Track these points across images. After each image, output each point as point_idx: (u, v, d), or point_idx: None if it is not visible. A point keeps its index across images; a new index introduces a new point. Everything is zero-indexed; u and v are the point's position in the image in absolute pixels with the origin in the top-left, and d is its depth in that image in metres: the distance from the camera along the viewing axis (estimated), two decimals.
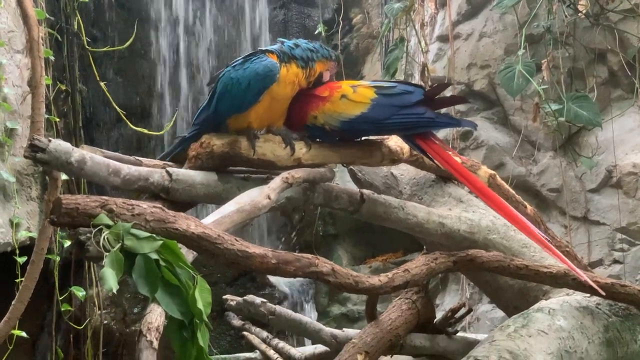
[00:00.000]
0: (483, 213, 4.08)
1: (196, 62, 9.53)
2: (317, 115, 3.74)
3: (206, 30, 9.60)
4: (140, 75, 9.46)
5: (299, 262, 2.96)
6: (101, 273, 2.51)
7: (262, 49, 3.74)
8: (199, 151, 3.52)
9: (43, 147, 3.11)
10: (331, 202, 3.74)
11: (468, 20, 7.22)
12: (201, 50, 9.56)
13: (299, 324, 4.64)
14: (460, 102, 5.71)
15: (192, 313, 2.64)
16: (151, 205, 2.73)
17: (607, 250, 6.48)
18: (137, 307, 7.97)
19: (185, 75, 9.50)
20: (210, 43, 9.57)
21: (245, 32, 9.62)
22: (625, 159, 6.46)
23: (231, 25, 9.64)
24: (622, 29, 6.48)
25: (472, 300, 6.56)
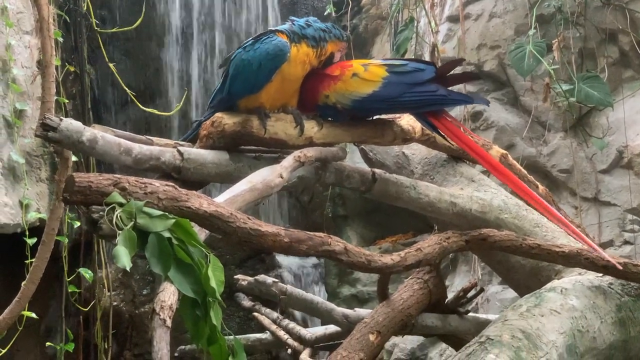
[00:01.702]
0: (495, 192, 4.08)
1: (205, 43, 9.51)
2: (329, 94, 3.74)
3: (215, 11, 9.58)
4: (149, 57, 9.44)
5: (312, 241, 2.96)
6: (114, 251, 2.52)
7: (272, 29, 3.74)
8: (210, 130, 3.52)
9: (54, 126, 3.11)
10: (343, 181, 3.74)
11: (478, 1, 7.19)
12: (210, 32, 9.54)
13: (311, 304, 4.65)
14: (472, 79, 5.69)
15: (204, 291, 2.65)
16: (163, 184, 2.74)
17: (617, 231, 6.47)
18: (146, 288, 8.00)
19: (195, 56, 9.48)
20: (219, 24, 9.55)
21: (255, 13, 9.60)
22: (637, 139, 6.44)
23: (240, 6, 9.62)
24: (633, 9, 6.46)
25: (482, 282, 6.55)
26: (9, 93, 6.87)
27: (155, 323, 2.59)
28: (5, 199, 6.72)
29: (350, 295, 7.95)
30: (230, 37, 9.48)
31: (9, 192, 6.79)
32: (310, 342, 5.46)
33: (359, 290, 8.02)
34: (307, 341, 5.48)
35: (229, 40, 9.46)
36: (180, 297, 2.64)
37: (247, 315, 6.31)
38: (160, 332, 2.56)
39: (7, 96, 6.86)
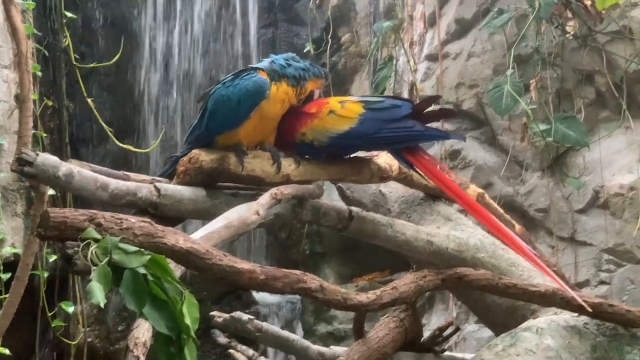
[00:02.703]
0: (471, 232, 4.09)
1: (184, 79, 9.54)
2: (306, 132, 3.74)
3: (195, 47, 9.61)
4: (128, 92, 9.46)
5: (288, 278, 2.95)
6: (89, 287, 2.50)
7: (253, 66, 3.76)
8: (187, 166, 3.52)
9: (30, 161, 3.10)
10: (320, 218, 3.74)
11: (457, 40, 7.25)
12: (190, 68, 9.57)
13: (287, 342, 4.63)
14: (449, 115, 5.70)
15: (179, 328, 2.63)
16: (140, 220, 2.73)
17: (593, 271, 6.48)
18: (121, 325, 7.95)
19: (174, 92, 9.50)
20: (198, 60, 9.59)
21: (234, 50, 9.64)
22: (613, 179, 6.47)
23: (220, 43, 9.66)
24: (609, 51, 6.51)
25: (458, 320, 6.56)
26: None
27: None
28: None
29: (327, 332, 7.94)
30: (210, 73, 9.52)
31: None
32: None
33: (336, 327, 8.01)
34: None
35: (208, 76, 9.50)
36: (155, 334, 2.63)
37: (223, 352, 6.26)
38: None
39: None
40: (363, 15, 8.91)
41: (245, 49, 9.63)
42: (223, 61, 9.60)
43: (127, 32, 9.35)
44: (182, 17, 9.66)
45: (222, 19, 9.71)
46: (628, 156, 6.43)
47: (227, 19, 9.71)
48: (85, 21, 9.35)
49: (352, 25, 9.05)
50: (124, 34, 9.12)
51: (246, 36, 9.68)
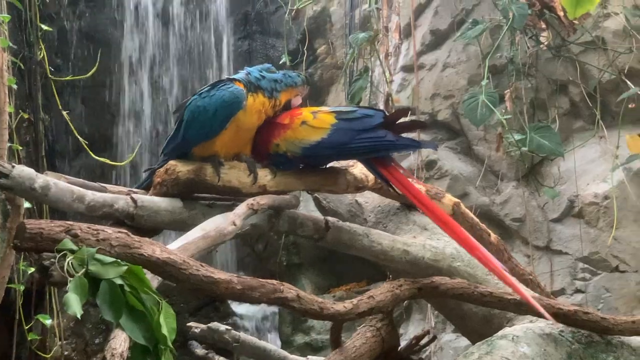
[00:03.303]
0: (447, 241, 4.10)
1: (160, 92, 9.54)
2: (279, 143, 3.75)
3: (170, 60, 9.61)
4: (104, 105, 9.45)
5: (264, 288, 2.96)
6: (65, 298, 2.50)
7: (230, 77, 3.76)
8: (164, 178, 3.52)
9: (6, 173, 3.10)
10: (296, 229, 3.75)
11: (432, 51, 7.28)
12: (165, 80, 9.57)
13: (264, 352, 4.63)
14: (421, 127, 5.71)
15: (156, 339, 2.64)
16: (116, 231, 2.73)
17: (569, 280, 6.51)
18: (98, 337, 7.92)
19: (150, 105, 9.50)
20: (174, 73, 9.59)
21: (210, 62, 9.65)
22: (587, 189, 6.51)
23: (195, 55, 9.66)
24: (583, 61, 6.56)
25: (435, 330, 6.56)
26: None
27: None
28: None
29: (304, 343, 7.93)
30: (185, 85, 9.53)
31: None
32: None
33: (313, 338, 8.00)
34: None
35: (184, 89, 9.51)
36: (132, 344, 2.63)
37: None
38: None
39: None
40: (339, 27, 8.93)
41: (220, 61, 9.64)
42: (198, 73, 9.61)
43: (103, 45, 9.33)
44: (158, 30, 9.66)
45: (197, 32, 9.72)
46: (602, 165, 6.48)
47: (202, 32, 9.72)
48: (61, 34, 9.34)
49: (328, 37, 9.07)
50: (100, 47, 9.10)
51: (221, 48, 9.68)
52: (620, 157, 6.29)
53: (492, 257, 3.72)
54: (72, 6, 9.51)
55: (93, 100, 9.44)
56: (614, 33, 6.48)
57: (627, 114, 6.34)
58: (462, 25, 6.91)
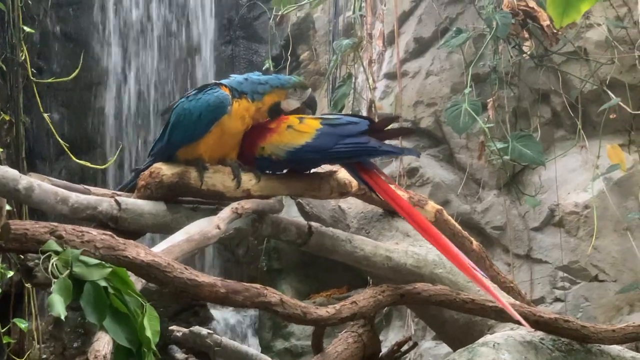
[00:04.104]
0: (429, 248, 4.10)
1: (143, 95, 9.53)
2: (265, 146, 3.76)
3: (153, 63, 9.61)
4: (86, 108, 9.44)
5: (248, 292, 2.96)
6: (49, 299, 2.50)
7: (217, 82, 3.76)
8: (148, 181, 3.52)
9: None
10: (279, 233, 3.75)
11: (415, 59, 7.31)
12: (148, 84, 9.56)
13: (245, 356, 4.62)
14: (407, 134, 5.74)
15: (139, 341, 2.63)
16: (101, 233, 2.73)
17: (549, 288, 6.55)
18: (77, 341, 7.90)
19: (132, 108, 9.49)
20: (157, 76, 9.58)
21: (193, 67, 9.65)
22: (568, 198, 6.55)
23: (178, 59, 9.67)
24: (565, 71, 6.60)
25: (416, 337, 6.57)
26: None
27: None
28: None
29: (284, 349, 7.93)
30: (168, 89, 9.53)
31: None
32: None
33: (293, 344, 8.00)
34: None
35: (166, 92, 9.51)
36: (115, 346, 2.63)
37: None
38: None
39: None
40: (322, 34, 8.95)
41: (205, 65, 9.64)
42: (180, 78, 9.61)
43: (86, 47, 9.33)
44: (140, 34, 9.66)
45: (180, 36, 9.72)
46: (583, 175, 6.52)
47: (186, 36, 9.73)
48: (43, 36, 9.34)
49: (311, 43, 9.09)
50: (82, 50, 9.10)
51: (204, 53, 9.69)
52: (600, 167, 6.34)
53: (470, 263, 3.75)
54: (55, 8, 9.50)
55: (75, 103, 9.43)
56: (596, 44, 6.52)
57: (608, 124, 6.39)
58: (446, 34, 6.94)
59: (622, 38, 6.43)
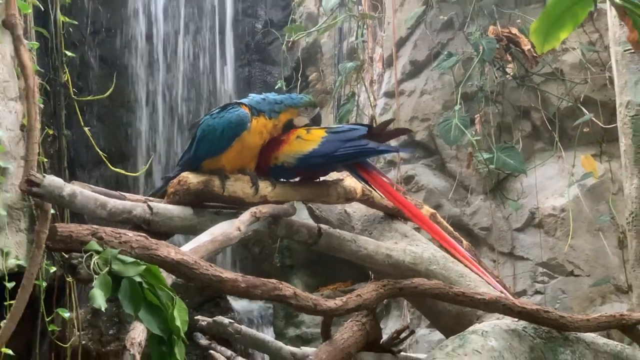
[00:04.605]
0: (425, 246, 4.11)
1: (171, 111, 9.55)
2: (278, 156, 3.78)
3: (180, 83, 9.62)
4: (120, 122, 9.46)
5: (265, 286, 2.97)
6: (91, 293, 2.51)
7: (238, 101, 3.77)
8: (177, 188, 3.53)
9: (38, 182, 3.10)
10: (292, 234, 3.75)
11: (411, 79, 7.30)
12: (175, 101, 9.58)
13: (262, 343, 4.61)
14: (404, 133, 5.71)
15: (170, 330, 2.64)
16: (136, 234, 2.74)
17: (530, 282, 6.53)
18: (112, 329, 7.90)
19: (161, 122, 9.50)
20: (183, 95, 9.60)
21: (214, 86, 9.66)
22: (546, 202, 6.54)
23: (202, 80, 9.68)
24: (544, 90, 6.60)
25: (411, 325, 6.55)
26: None
27: (126, 358, 2.57)
28: None
29: (296, 335, 7.92)
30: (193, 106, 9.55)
31: None
32: None
33: (304, 331, 7.99)
34: None
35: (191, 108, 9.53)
36: (149, 334, 2.64)
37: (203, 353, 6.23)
38: None
39: None
40: (328, 57, 8.95)
41: (224, 86, 9.65)
42: (203, 96, 9.62)
43: (119, 70, 9.36)
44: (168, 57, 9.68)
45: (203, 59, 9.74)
46: (560, 182, 6.51)
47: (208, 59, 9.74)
48: (82, 59, 9.35)
49: (319, 65, 9.09)
50: (117, 71, 9.12)
51: (224, 74, 9.70)
52: (575, 175, 6.33)
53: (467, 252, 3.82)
54: (93, 35, 9.53)
55: (110, 118, 9.44)
56: (571, 66, 6.52)
57: (582, 137, 6.38)
58: (438, 57, 6.94)
59: (594, 60, 6.43)
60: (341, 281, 7.99)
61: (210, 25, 9.81)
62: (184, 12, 9.79)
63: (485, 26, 6.59)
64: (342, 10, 7.65)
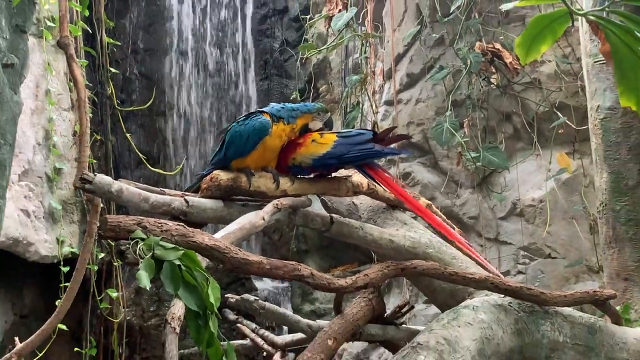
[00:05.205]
0: (422, 233, 4.10)
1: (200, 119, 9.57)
2: (295, 157, 3.76)
3: (209, 95, 9.64)
4: (157, 129, 9.48)
5: (287, 267, 2.96)
6: (138, 275, 2.52)
7: (260, 110, 3.77)
8: (209, 184, 3.52)
9: (90, 180, 3.10)
10: (308, 223, 3.74)
11: (407, 90, 7.30)
12: (205, 111, 9.59)
13: (282, 317, 4.61)
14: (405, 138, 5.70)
15: (205, 306, 2.65)
16: (175, 224, 2.74)
17: (513, 264, 6.52)
18: (153, 306, 7.94)
19: (192, 129, 9.53)
20: (212, 105, 9.62)
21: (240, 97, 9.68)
22: (526, 194, 6.53)
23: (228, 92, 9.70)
24: (523, 97, 6.58)
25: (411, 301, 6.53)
26: (50, 155, 6.85)
27: (167, 330, 2.58)
28: (46, 237, 6.68)
29: (310, 310, 7.94)
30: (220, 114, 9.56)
31: (49, 231, 6.74)
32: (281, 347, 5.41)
33: (317, 307, 8.01)
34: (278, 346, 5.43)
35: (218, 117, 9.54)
36: (187, 310, 2.64)
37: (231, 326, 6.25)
38: (171, 337, 2.56)
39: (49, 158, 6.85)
40: (336, 71, 8.95)
41: (247, 96, 9.67)
42: (229, 106, 9.64)
43: (157, 83, 9.40)
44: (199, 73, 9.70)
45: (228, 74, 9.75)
46: (538, 177, 6.49)
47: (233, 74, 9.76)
48: (125, 75, 9.38)
49: (328, 79, 9.09)
50: (154, 85, 9.17)
51: (247, 87, 9.72)
52: (552, 170, 6.32)
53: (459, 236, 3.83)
54: (134, 54, 9.56)
55: (148, 126, 9.47)
56: (548, 76, 6.50)
57: (557, 138, 6.36)
58: (431, 70, 6.93)
59: (568, 71, 6.41)
60: (349, 263, 7.99)
61: (234, 45, 9.82)
62: (211, 34, 9.80)
63: (472, 42, 6.58)
64: (348, 30, 7.64)
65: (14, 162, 6.47)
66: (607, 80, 4.32)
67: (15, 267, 6.68)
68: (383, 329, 4.12)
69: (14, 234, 6.32)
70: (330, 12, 7.60)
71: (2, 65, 2.25)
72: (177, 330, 2.59)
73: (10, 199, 6.22)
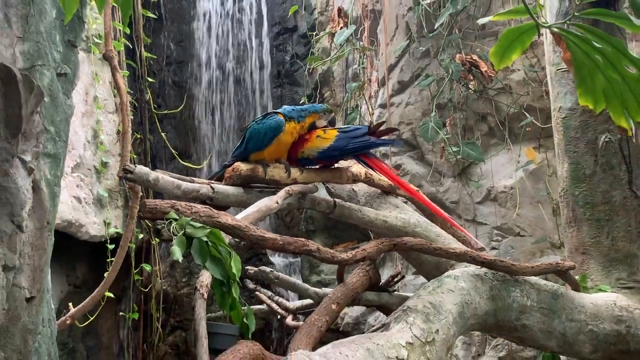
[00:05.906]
0: (411, 214, 4.08)
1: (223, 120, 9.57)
2: (304, 150, 3.76)
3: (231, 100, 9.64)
4: (187, 129, 9.48)
5: (297, 243, 2.96)
6: (172, 250, 2.53)
7: (275, 111, 3.77)
8: (231, 174, 3.52)
9: (131, 170, 3.11)
10: (315, 206, 3.74)
11: (399, 94, 7.27)
12: (227, 113, 9.60)
13: (294, 285, 4.62)
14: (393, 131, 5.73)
15: (228, 276, 2.65)
16: (203, 207, 2.74)
17: (487, 241, 6.50)
18: (185, 278, 7.94)
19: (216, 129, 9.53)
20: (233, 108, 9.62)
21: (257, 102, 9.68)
22: (499, 182, 6.51)
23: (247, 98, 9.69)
24: (497, 100, 6.55)
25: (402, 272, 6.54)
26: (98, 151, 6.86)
27: (197, 296, 2.58)
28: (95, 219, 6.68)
29: (317, 281, 7.94)
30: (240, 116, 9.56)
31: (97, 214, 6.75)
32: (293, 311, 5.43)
33: (323, 277, 8.01)
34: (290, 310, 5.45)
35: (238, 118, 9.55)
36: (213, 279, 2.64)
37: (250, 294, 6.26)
38: (200, 302, 2.56)
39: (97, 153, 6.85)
40: (338, 79, 8.91)
41: (263, 101, 9.66)
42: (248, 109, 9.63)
43: (187, 91, 9.40)
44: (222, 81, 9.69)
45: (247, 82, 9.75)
46: (509, 168, 6.47)
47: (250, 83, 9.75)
48: (160, 84, 9.37)
49: (331, 86, 9.06)
50: (185, 93, 9.17)
51: (263, 93, 9.71)
52: (521, 162, 6.30)
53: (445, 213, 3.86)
54: (168, 65, 9.54)
55: (180, 127, 9.46)
56: (517, 82, 6.47)
57: (525, 134, 6.34)
58: (418, 78, 6.91)
59: (534, 78, 6.37)
60: (349, 241, 7.99)
61: (252, 58, 9.81)
62: (233, 49, 9.79)
63: (453, 54, 6.55)
64: (348, 45, 7.62)
65: (68, 157, 6.49)
66: (568, 85, 4.30)
67: (69, 245, 6.69)
68: (378, 295, 4.11)
69: (67, 217, 6.34)
70: (333, 30, 7.59)
71: (57, 75, 2.25)
72: (205, 296, 2.59)
73: (64, 187, 6.23)
